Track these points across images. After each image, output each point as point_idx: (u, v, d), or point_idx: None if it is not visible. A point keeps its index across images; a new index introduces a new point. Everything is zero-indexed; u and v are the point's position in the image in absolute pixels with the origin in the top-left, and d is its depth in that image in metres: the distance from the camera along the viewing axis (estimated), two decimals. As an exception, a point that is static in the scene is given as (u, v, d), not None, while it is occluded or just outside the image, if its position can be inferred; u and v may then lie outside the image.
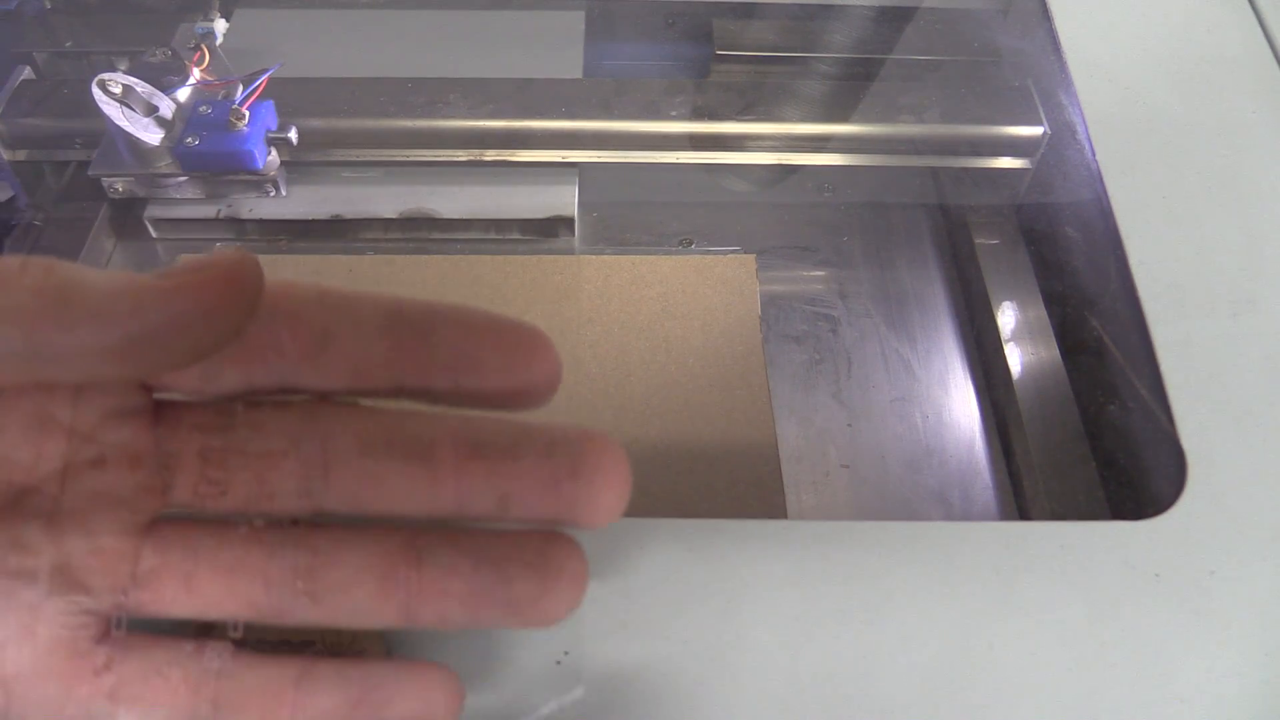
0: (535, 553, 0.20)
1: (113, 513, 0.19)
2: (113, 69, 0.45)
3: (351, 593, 0.20)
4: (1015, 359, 0.40)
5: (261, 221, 0.44)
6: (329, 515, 0.20)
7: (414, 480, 0.20)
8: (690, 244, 0.46)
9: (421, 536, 0.20)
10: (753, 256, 0.42)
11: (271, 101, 0.42)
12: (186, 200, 0.43)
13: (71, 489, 0.19)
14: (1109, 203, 0.34)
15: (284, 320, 0.19)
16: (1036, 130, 0.44)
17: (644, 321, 0.39)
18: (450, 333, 0.19)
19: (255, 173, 0.42)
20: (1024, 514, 0.37)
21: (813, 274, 0.45)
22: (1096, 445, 0.37)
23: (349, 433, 0.20)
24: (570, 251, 0.44)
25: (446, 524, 0.20)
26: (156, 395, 0.20)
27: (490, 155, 0.44)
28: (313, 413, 0.20)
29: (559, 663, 0.24)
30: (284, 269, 0.41)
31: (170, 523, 0.20)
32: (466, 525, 0.20)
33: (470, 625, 0.20)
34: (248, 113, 0.41)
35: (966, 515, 0.38)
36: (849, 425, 0.40)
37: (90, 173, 0.42)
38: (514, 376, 0.20)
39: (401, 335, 0.19)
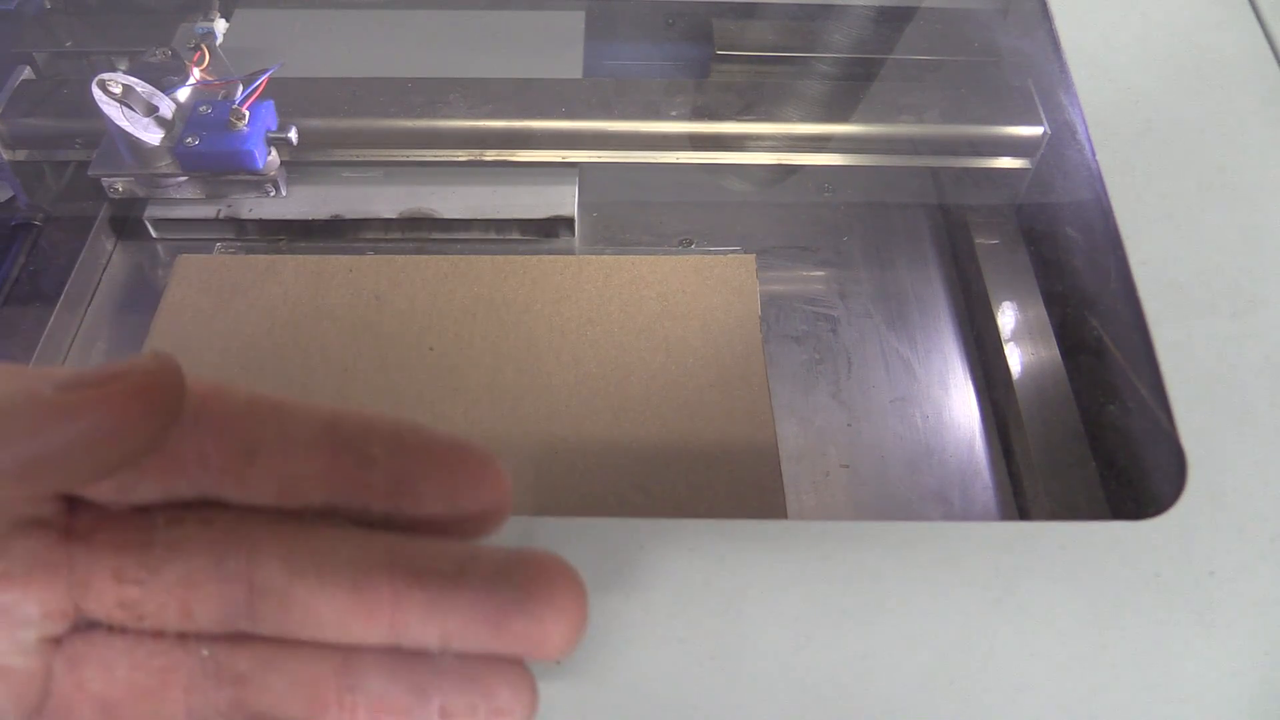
0: (476, 687, 0.18)
1: (16, 633, 0.18)
2: (113, 69, 0.45)
3: (276, 715, 0.18)
4: (1015, 359, 0.40)
5: (261, 221, 0.44)
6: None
7: (345, 610, 0.18)
8: (690, 244, 0.46)
9: (353, 663, 0.18)
10: (753, 256, 0.42)
11: (271, 101, 0.42)
12: (186, 200, 0.43)
13: None
14: (1109, 203, 0.34)
15: (209, 429, 0.18)
16: (1036, 130, 0.44)
17: (644, 321, 0.39)
18: (388, 454, 0.18)
19: (255, 173, 0.42)
20: (1024, 514, 0.37)
21: (813, 274, 0.45)
22: (1096, 445, 0.37)
23: (276, 555, 0.18)
24: (570, 251, 0.44)
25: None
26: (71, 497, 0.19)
27: (490, 155, 0.44)
28: (238, 529, 0.18)
29: (559, 663, 0.24)
30: (284, 269, 0.41)
31: (88, 635, 0.18)
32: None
33: None
34: (248, 113, 0.41)
35: (966, 515, 0.38)
36: (849, 425, 0.40)
37: (90, 173, 0.42)
38: (456, 504, 0.18)
39: (335, 454, 0.18)
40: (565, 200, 0.44)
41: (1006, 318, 0.41)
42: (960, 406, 0.41)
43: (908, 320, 0.43)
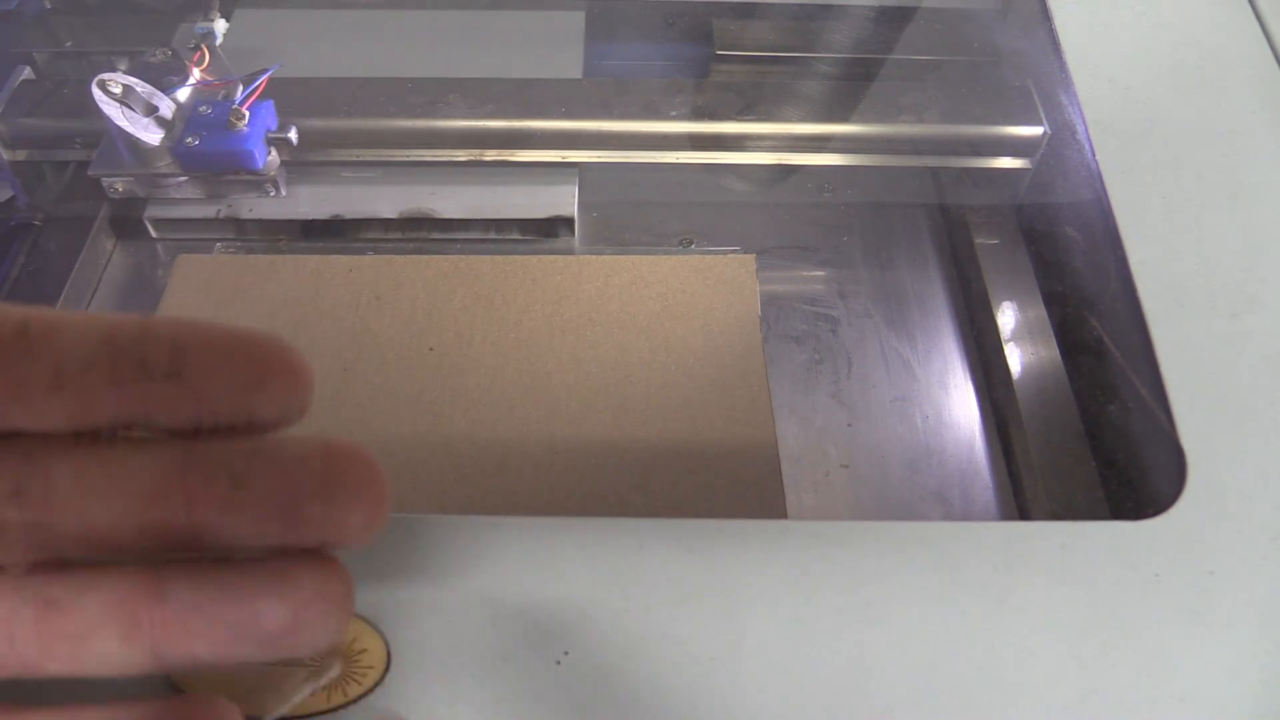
0: (281, 577, 0.18)
1: None
2: (113, 69, 0.45)
3: (89, 640, 0.18)
4: (1015, 359, 0.40)
5: (261, 221, 0.44)
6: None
7: (139, 506, 0.18)
8: (690, 244, 0.46)
9: (161, 572, 0.18)
10: (753, 256, 0.42)
11: (271, 101, 0.42)
12: (186, 200, 0.43)
13: None
14: (1109, 203, 0.34)
15: None
16: (1036, 130, 0.44)
17: (644, 321, 0.39)
18: (168, 357, 0.17)
19: (255, 173, 0.42)
20: (1024, 514, 0.37)
21: (813, 274, 0.45)
22: (1096, 445, 0.37)
23: (68, 475, 0.18)
24: (570, 251, 0.44)
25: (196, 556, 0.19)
26: None
27: (490, 155, 0.44)
28: (32, 455, 0.18)
29: (559, 662, 0.24)
30: (284, 269, 0.41)
31: None
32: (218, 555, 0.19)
33: (225, 663, 0.18)
34: (248, 113, 0.41)
35: (966, 515, 0.38)
36: (849, 425, 0.40)
37: (90, 173, 0.42)
38: (250, 401, 0.18)
39: (116, 365, 0.17)
40: (565, 200, 0.44)
41: (1006, 318, 0.41)
42: (960, 406, 0.41)
43: (908, 320, 0.43)
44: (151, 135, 0.41)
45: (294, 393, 0.18)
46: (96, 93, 0.39)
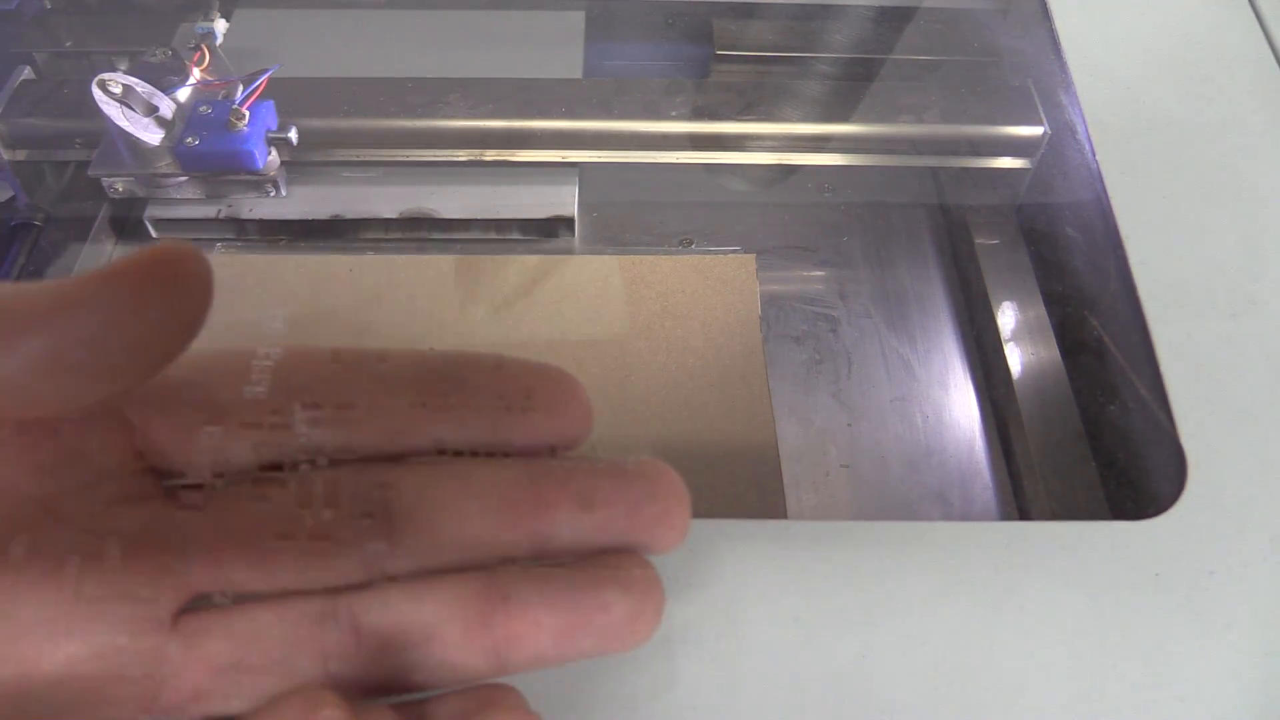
0: (619, 574, 0.19)
1: (126, 609, 0.17)
2: (113, 69, 0.45)
3: (433, 646, 0.18)
4: (1015, 359, 0.40)
5: (261, 221, 0.44)
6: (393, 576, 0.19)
7: (493, 525, 0.19)
8: (690, 244, 0.46)
9: (500, 575, 0.19)
10: (753, 256, 0.42)
11: (271, 101, 0.42)
12: (186, 200, 0.43)
13: (77, 587, 0.17)
14: (1109, 203, 0.34)
15: (298, 385, 0.18)
16: (1036, 130, 0.44)
17: (644, 321, 0.39)
18: (477, 385, 0.19)
19: (255, 173, 0.42)
20: (1024, 514, 0.37)
21: (813, 274, 0.45)
22: (1096, 445, 0.37)
23: (413, 487, 0.19)
24: (570, 251, 0.44)
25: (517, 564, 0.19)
26: (166, 484, 0.19)
27: (490, 155, 0.44)
28: (361, 473, 0.19)
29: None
30: (284, 269, 0.41)
31: (205, 613, 0.18)
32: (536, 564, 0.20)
33: (564, 659, 0.19)
34: (248, 113, 0.41)
35: (966, 515, 0.37)
36: (849, 425, 0.40)
37: (90, 173, 0.42)
38: (546, 429, 0.19)
39: (429, 393, 0.19)
40: (565, 200, 0.44)
41: (1006, 318, 0.41)
42: (960, 406, 0.41)
43: (908, 320, 0.43)
44: (151, 135, 0.41)
45: (584, 424, 0.20)
46: (96, 93, 0.39)
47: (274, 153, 0.42)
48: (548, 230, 0.44)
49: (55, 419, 0.17)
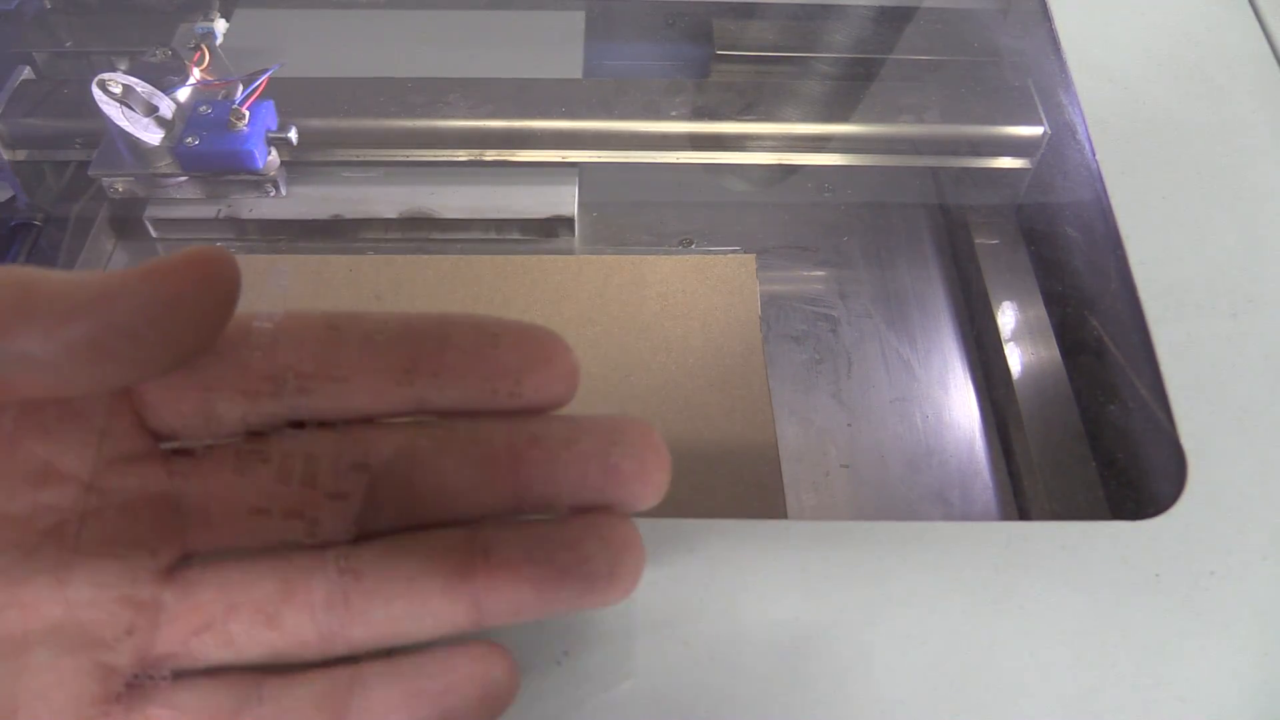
0: (598, 529, 0.19)
1: (124, 560, 0.18)
2: (113, 69, 0.45)
3: (415, 596, 0.19)
4: (1015, 359, 0.40)
5: (261, 221, 0.44)
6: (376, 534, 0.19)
7: (471, 477, 0.19)
8: (690, 244, 0.46)
9: (481, 531, 0.19)
10: (753, 256, 0.42)
11: (271, 101, 0.42)
12: (186, 200, 0.43)
13: (77, 540, 0.18)
14: (1109, 203, 0.34)
15: (291, 346, 0.19)
16: (1036, 130, 0.44)
17: (644, 321, 0.39)
18: (465, 339, 0.19)
19: (255, 173, 0.42)
20: (1024, 514, 0.37)
21: (813, 274, 0.45)
22: (1096, 445, 0.37)
23: (394, 447, 0.19)
24: (570, 251, 0.44)
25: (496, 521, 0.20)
26: (165, 445, 0.19)
27: (490, 155, 0.44)
28: (347, 435, 0.19)
29: (559, 663, 0.24)
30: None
31: (198, 565, 0.19)
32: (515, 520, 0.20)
33: (543, 613, 0.19)
34: (248, 113, 0.41)
35: (966, 515, 0.37)
36: (849, 425, 0.40)
37: (90, 173, 0.42)
38: (531, 386, 0.19)
39: (416, 347, 0.19)
40: (565, 200, 0.44)
41: (1006, 318, 0.41)
42: (960, 406, 0.41)
43: (908, 320, 0.43)
44: (151, 135, 0.41)
45: (571, 381, 0.20)
46: (96, 93, 0.39)
47: (274, 153, 0.42)
48: (548, 230, 0.44)
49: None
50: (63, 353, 0.16)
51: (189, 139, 0.41)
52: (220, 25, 0.47)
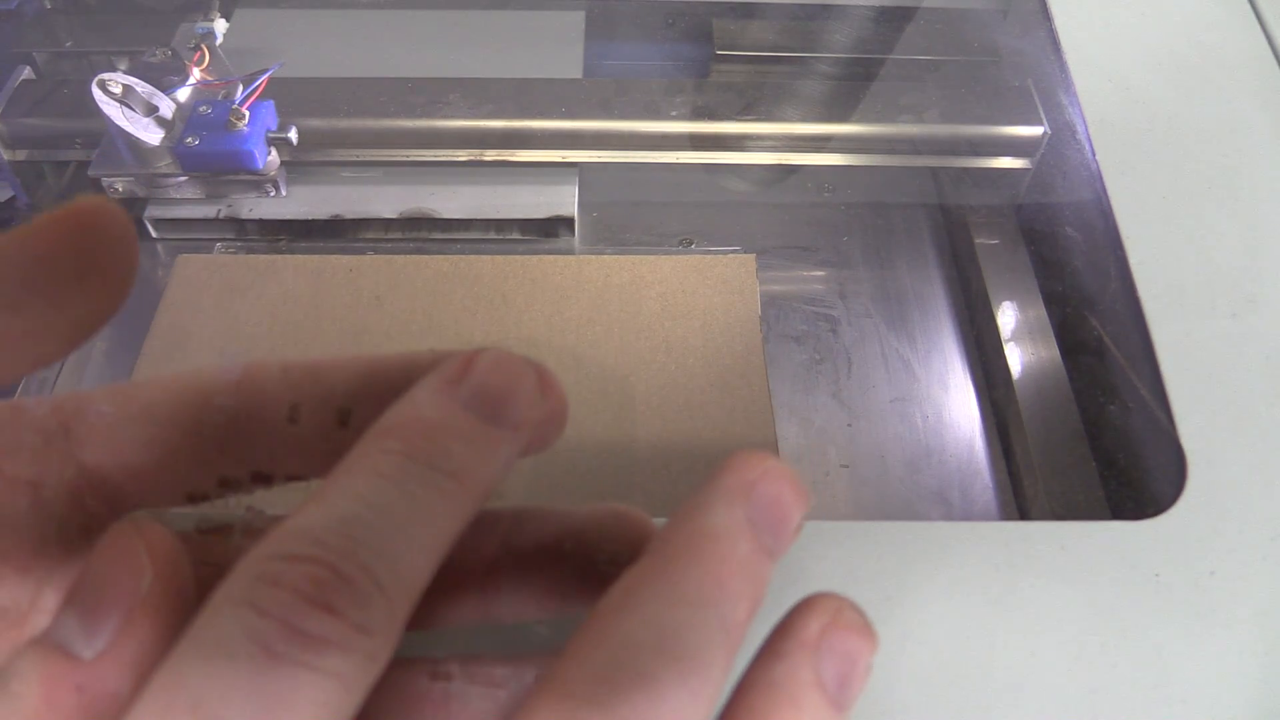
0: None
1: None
2: (113, 69, 0.45)
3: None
4: (1015, 359, 0.40)
5: (261, 221, 0.44)
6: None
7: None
8: (690, 244, 0.46)
9: None
10: (753, 256, 0.42)
11: (271, 101, 0.42)
12: (186, 200, 0.43)
13: None
14: (1109, 203, 0.34)
15: (250, 403, 0.18)
16: (1036, 130, 0.44)
17: (644, 321, 0.39)
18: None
19: (255, 173, 0.42)
20: (1024, 514, 0.37)
21: (813, 274, 0.45)
22: (1096, 445, 0.37)
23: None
24: (570, 251, 0.44)
25: None
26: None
27: (490, 155, 0.44)
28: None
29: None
30: (284, 269, 0.41)
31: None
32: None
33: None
34: (248, 113, 0.41)
35: (966, 515, 0.37)
36: (849, 425, 0.40)
37: (90, 173, 0.42)
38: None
39: (379, 402, 0.18)
40: (565, 200, 0.44)
41: (1006, 318, 0.41)
42: (960, 406, 0.41)
43: (908, 320, 0.43)
44: (151, 135, 0.41)
45: (560, 410, 0.18)
46: (96, 93, 0.39)
47: (274, 153, 0.42)
48: (548, 230, 0.44)
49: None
50: None
51: (189, 139, 0.41)
52: (220, 25, 0.47)
